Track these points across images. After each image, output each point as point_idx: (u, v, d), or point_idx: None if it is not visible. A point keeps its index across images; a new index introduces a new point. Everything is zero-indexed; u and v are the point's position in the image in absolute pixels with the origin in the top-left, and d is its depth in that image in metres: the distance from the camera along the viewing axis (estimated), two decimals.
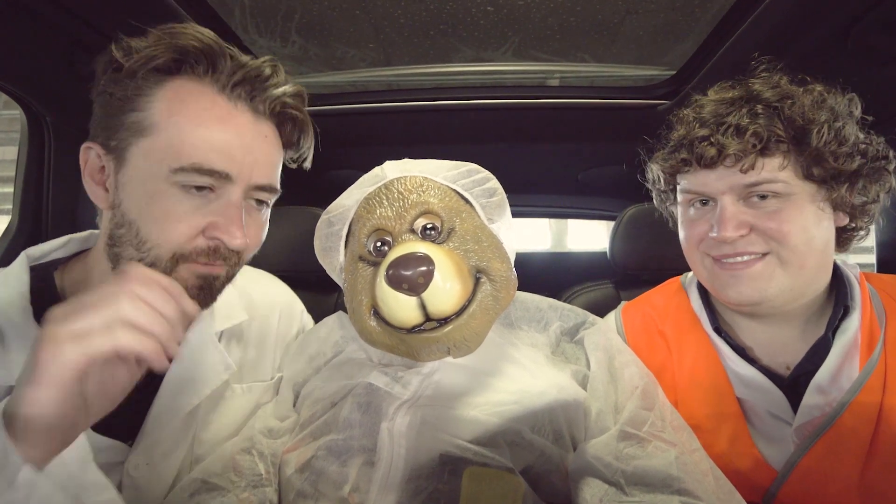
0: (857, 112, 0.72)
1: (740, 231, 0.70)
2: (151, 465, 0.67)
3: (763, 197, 0.70)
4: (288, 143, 0.72)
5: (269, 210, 0.73)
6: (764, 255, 0.71)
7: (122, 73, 0.59)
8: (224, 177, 0.61)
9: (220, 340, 0.78)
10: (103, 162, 0.62)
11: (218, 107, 0.61)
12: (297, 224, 1.24)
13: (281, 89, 0.65)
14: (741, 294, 0.72)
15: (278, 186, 0.70)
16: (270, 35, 1.28)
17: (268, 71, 0.64)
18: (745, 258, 0.71)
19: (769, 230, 0.69)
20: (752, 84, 0.73)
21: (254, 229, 0.68)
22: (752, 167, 0.68)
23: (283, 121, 0.69)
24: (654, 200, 0.91)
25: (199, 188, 0.60)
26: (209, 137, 0.60)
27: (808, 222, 0.69)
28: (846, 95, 0.72)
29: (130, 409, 0.67)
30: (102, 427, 0.63)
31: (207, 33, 0.61)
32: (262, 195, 0.68)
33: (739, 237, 0.70)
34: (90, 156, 0.63)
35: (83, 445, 0.49)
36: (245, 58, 0.64)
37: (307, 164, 0.75)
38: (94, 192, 0.64)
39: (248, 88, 0.63)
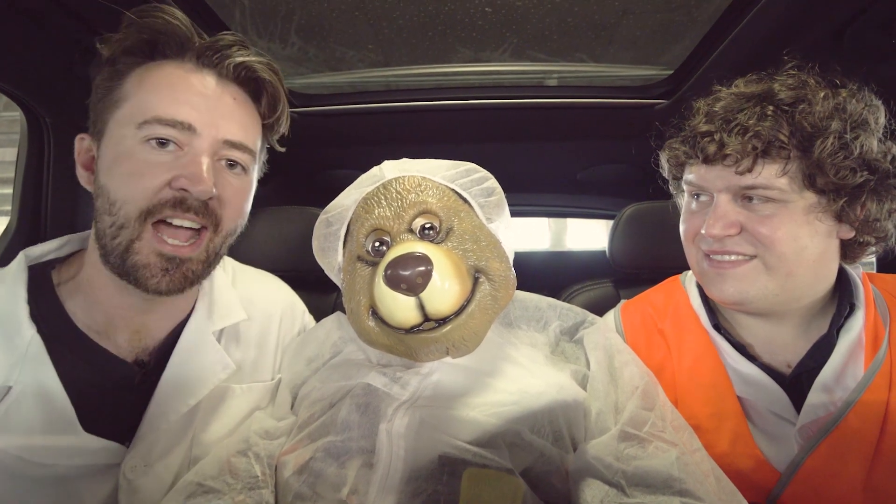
0: (881, 122, 0.68)
1: (728, 231, 0.70)
2: (149, 467, 0.66)
3: (758, 200, 0.69)
4: (263, 115, 0.73)
5: (253, 180, 0.73)
6: (752, 257, 0.70)
7: (105, 62, 0.64)
8: (187, 127, 0.62)
9: (219, 341, 0.77)
10: (93, 149, 0.67)
11: (184, 70, 0.65)
12: (295, 224, 1.24)
13: (246, 57, 0.68)
14: (723, 292, 0.73)
15: (253, 148, 0.70)
16: (270, 36, 1.28)
17: (230, 38, 0.67)
18: (733, 258, 0.71)
19: (758, 234, 0.68)
20: (773, 81, 0.71)
21: (229, 191, 0.68)
22: (750, 170, 0.67)
23: (254, 89, 0.70)
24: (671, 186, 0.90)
25: (163, 142, 0.62)
26: (173, 92, 0.63)
27: (801, 232, 0.68)
28: (869, 103, 0.68)
29: (126, 410, 0.67)
30: (97, 428, 0.63)
31: (179, 16, 0.64)
32: (235, 154, 0.68)
33: (727, 236, 0.70)
34: (83, 145, 0.69)
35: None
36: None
37: (283, 129, 0.77)
38: (83, 175, 0.68)
39: (213, 55, 0.66)
